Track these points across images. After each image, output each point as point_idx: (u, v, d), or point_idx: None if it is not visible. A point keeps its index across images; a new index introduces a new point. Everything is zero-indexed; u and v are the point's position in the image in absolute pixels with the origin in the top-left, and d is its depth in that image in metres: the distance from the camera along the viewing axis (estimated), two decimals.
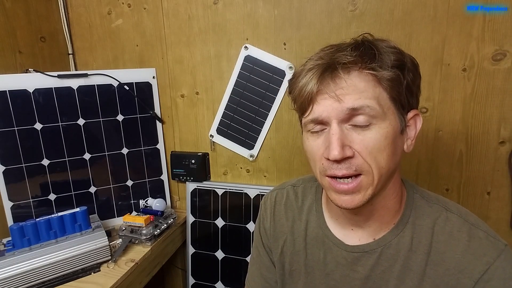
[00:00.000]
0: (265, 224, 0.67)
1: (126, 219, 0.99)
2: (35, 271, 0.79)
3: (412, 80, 0.48)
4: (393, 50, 0.47)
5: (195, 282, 1.16)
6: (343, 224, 0.56)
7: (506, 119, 0.82)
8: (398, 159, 0.49)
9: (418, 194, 0.54)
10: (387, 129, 0.46)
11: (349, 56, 0.45)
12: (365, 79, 0.45)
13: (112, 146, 1.09)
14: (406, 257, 0.51)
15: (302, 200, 0.64)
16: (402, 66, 0.47)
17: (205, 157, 1.14)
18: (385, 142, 0.45)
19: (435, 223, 0.51)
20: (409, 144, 0.50)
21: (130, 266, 0.88)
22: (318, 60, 0.47)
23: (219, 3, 1.01)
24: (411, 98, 0.49)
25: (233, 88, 1.06)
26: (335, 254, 0.56)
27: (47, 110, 0.99)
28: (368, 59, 0.45)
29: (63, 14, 1.16)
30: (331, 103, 0.45)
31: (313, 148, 0.49)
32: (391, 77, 0.45)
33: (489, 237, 0.48)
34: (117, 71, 1.08)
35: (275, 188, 0.69)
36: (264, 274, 0.67)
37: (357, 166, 0.45)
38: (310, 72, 0.47)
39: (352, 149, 0.45)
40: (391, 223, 0.53)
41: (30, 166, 0.98)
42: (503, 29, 0.78)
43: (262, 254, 0.68)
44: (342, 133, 0.45)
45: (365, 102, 0.44)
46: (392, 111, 0.47)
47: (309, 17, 0.93)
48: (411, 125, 0.50)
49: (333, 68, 0.45)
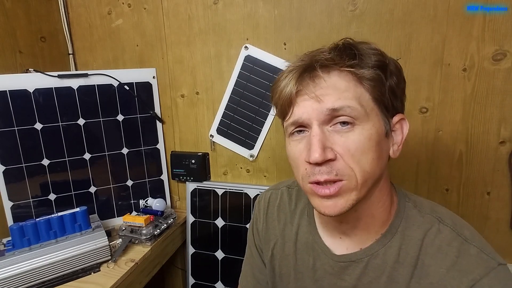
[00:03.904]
0: (258, 225, 0.66)
1: (126, 219, 0.99)
2: (35, 271, 0.79)
3: (396, 83, 0.47)
4: (374, 52, 0.46)
5: (195, 282, 1.16)
6: (331, 231, 0.55)
7: (506, 119, 0.82)
8: (383, 164, 0.47)
9: (411, 203, 0.52)
10: (370, 130, 0.44)
11: (327, 55, 0.44)
12: (345, 78, 0.44)
13: (112, 146, 1.09)
14: (392, 269, 0.48)
15: (295, 203, 0.62)
16: (383, 67, 0.45)
17: (205, 157, 1.14)
18: (369, 144, 0.44)
19: (426, 235, 0.48)
20: (395, 149, 0.48)
21: (130, 266, 0.88)
22: (298, 62, 0.47)
23: (219, 3, 1.01)
24: (396, 101, 0.47)
25: (233, 88, 1.06)
26: (323, 262, 0.54)
27: (47, 110, 0.99)
28: (348, 57, 0.44)
29: (63, 14, 1.16)
30: (311, 103, 0.44)
31: (295, 153, 0.47)
32: (372, 77, 0.44)
33: (481, 254, 0.44)
34: (117, 71, 1.08)
35: (270, 188, 0.68)
36: (256, 275, 0.67)
37: (338, 170, 0.43)
38: (290, 74, 0.46)
39: (333, 152, 0.44)
40: (378, 233, 0.51)
41: (30, 166, 0.98)
42: (503, 29, 0.78)
43: (254, 255, 0.67)
44: (323, 135, 0.44)
45: (345, 103, 0.43)
46: (376, 112, 0.45)
47: (309, 17, 0.93)
48: (397, 130, 0.49)
49: (312, 68, 0.45)
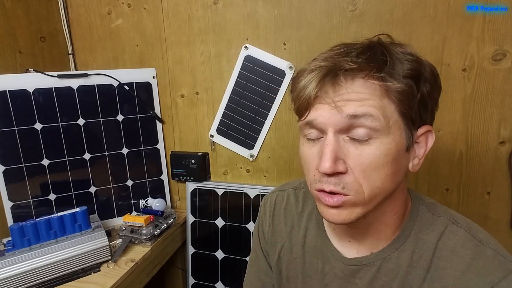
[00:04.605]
0: (264, 227, 0.65)
1: (126, 219, 0.99)
2: (35, 271, 0.79)
3: (429, 93, 0.43)
4: (409, 58, 0.41)
5: (195, 282, 1.16)
6: (340, 235, 0.53)
7: (506, 119, 0.82)
8: (399, 179, 0.44)
9: (425, 206, 0.50)
10: (389, 145, 0.41)
11: (354, 61, 0.40)
12: (370, 87, 0.40)
13: (112, 146, 1.09)
14: (405, 273, 0.47)
15: (302, 205, 0.61)
16: (417, 76, 0.41)
17: (205, 157, 1.14)
18: (384, 160, 0.41)
19: (440, 238, 0.46)
20: (416, 163, 0.45)
21: (130, 266, 0.88)
22: (322, 61, 0.43)
23: (219, 3, 1.01)
24: (425, 113, 0.43)
25: (233, 88, 1.06)
26: (333, 266, 0.53)
27: (47, 110, 0.99)
28: (376, 66, 0.40)
29: (63, 14, 1.16)
30: (329, 109, 0.41)
31: (308, 157, 0.46)
32: (402, 89, 0.40)
33: (498, 256, 0.43)
34: (117, 71, 1.08)
35: (276, 190, 0.67)
36: (262, 277, 0.66)
37: (345, 184, 0.41)
38: (311, 74, 0.43)
39: (345, 164, 0.41)
40: (390, 237, 0.49)
41: (30, 166, 0.98)
42: (503, 29, 0.78)
43: (260, 257, 0.66)
44: (337, 145, 0.41)
45: (368, 110, 0.40)
46: (399, 125, 0.41)
47: (309, 17, 0.93)
48: (421, 142, 0.45)
49: (335, 73, 0.41)
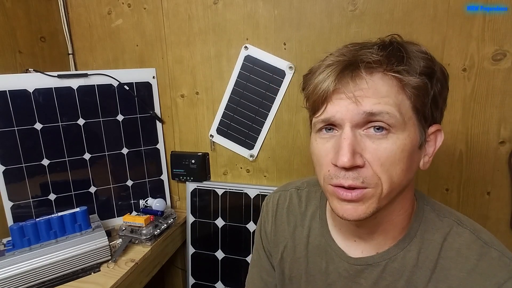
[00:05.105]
0: (266, 227, 0.64)
1: (126, 219, 0.99)
2: (35, 271, 0.79)
3: (440, 91, 0.44)
4: (424, 56, 0.43)
5: (195, 282, 1.16)
6: (346, 234, 0.53)
7: (506, 119, 0.82)
8: (411, 175, 0.45)
9: (429, 206, 0.51)
10: (404, 141, 0.42)
11: (375, 55, 0.41)
12: (388, 83, 0.41)
13: (112, 146, 1.09)
14: (411, 273, 0.47)
15: (305, 205, 0.61)
16: (431, 74, 0.42)
17: (205, 157, 1.14)
18: (401, 155, 0.41)
19: (445, 239, 0.47)
20: (426, 161, 0.47)
21: (130, 266, 0.88)
22: (340, 56, 0.43)
23: (219, 3, 1.01)
24: (436, 111, 0.45)
25: (233, 88, 1.06)
26: (337, 265, 0.53)
27: (47, 110, 0.99)
28: (396, 61, 0.41)
29: (63, 14, 1.16)
30: (346, 104, 0.41)
31: (321, 152, 0.45)
32: (417, 85, 0.41)
33: (503, 258, 0.43)
34: (117, 71, 1.08)
35: (278, 190, 0.66)
36: (264, 278, 0.66)
37: (365, 178, 0.41)
38: (329, 68, 0.43)
39: (363, 158, 0.41)
40: (396, 238, 0.49)
41: (30, 166, 0.98)
42: (503, 29, 0.78)
43: (262, 257, 0.66)
44: (354, 139, 0.41)
45: (384, 108, 0.40)
46: (413, 122, 0.43)
47: (309, 17, 0.93)
48: (431, 140, 0.46)
49: (355, 66, 0.41)
